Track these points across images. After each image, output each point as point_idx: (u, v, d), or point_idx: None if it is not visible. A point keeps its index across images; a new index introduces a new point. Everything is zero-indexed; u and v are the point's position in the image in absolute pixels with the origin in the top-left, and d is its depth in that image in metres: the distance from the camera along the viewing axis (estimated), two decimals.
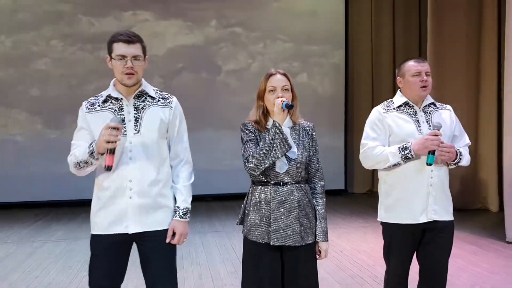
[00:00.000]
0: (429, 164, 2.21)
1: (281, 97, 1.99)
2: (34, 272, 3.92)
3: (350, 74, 8.17)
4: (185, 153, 2.13)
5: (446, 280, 2.41)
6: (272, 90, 2.02)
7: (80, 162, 1.97)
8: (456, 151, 2.29)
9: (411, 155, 2.24)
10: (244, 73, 7.71)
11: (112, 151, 1.88)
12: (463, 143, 2.42)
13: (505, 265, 3.99)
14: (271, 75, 2.05)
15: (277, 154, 1.94)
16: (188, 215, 2.08)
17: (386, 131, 2.37)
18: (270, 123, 2.05)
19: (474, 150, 6.56)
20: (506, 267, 3.91)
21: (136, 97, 2.04)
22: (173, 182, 2.10)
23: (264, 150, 1.95)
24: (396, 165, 2.29)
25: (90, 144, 1.95)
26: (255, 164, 1.97)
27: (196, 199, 2.23)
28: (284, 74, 2.06)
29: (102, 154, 1.91)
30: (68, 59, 7.23)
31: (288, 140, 1.96)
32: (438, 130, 2.25)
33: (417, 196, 2.30)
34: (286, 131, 2.03)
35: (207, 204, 7.20)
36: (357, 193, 8.07)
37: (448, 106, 2.48)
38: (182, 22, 7.56)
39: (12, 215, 6.46)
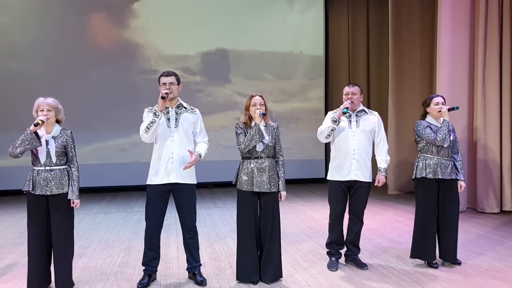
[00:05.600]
0: (345, 112, 3.72)
1: (259, 109, 3.43)
2: (86, 231, 5.41)
3: (329, 81, 9.68)
4: (204, 140, 3.60)
5: (363, 217, 3.96)
6: (253, 105, 3.47)
7: (148, 124, 3.31)
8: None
9: (336, 118, 3.72)
10: None
11: (163, 98, 3.29)
12: (381, 135, 3.91)
13: None
14: (253, 96, 3.50)
15: (256, 140, 3.38)
16: (202, 156, 3.48)
17: None
18: (252, 124, 3.48)
19: None
20: None
21: (176, 107, 3.51)
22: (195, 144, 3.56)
23: (249, 138, 3.39)
24: (333, 130, 3.73)
25: (150, 110, 3.38)
26: (243, 147, 3.42)
27: (200, 186, 3.55)
28: (261, 96, 3.51)
29: (158, 115, 3.29)
30: None
31: (263, 133, 3.41)
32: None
33: (344, 164, 3.82)
34: (262, 128, 3.45)
35: (210, 190, 8.73)
36: None
37: (375, 112, 3.98)
38: None
39: None
